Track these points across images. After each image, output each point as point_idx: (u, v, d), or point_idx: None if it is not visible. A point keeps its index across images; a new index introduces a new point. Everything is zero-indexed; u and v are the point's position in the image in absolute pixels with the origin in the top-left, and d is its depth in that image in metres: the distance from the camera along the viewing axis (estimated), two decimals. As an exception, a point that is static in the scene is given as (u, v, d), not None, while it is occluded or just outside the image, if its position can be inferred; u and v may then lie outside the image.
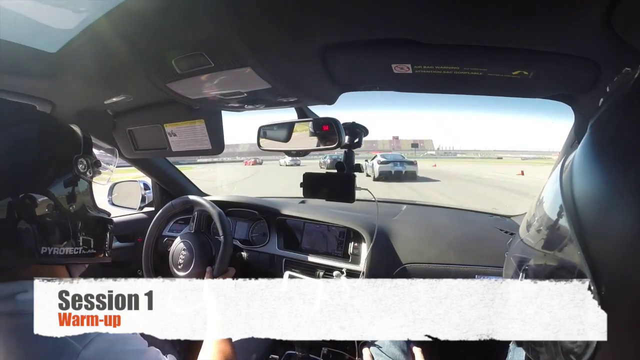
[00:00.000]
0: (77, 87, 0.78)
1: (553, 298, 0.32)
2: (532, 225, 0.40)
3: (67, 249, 0.57)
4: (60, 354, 0.47)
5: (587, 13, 0.42)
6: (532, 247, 0.38)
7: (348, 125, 0.90)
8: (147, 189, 1.61)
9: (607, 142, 0.32)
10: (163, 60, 0.56)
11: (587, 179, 0.32)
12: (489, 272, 1.09)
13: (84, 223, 0.61)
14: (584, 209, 0.30)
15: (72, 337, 0.49)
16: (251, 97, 0.68)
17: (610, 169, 0.30)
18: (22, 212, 0.52)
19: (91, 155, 0.65)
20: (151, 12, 0.52)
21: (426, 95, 1.40)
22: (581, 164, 0.33)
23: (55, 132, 0.60)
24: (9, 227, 0.51)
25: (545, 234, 0.36)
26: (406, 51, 0.56)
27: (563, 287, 0.31)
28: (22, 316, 0.49)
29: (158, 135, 1.04)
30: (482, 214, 1.52)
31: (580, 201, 0.31)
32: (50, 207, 0.55)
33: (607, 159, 0.31)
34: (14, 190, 0.51)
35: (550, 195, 0.37)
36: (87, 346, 0.48)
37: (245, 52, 0.50)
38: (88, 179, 0.63)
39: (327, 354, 1.17)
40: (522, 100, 2.53)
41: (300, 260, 1.26)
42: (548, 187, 0.39)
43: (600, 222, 0.28)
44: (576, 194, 0.31)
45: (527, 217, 0.43)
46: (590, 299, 0.26)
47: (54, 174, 0.57)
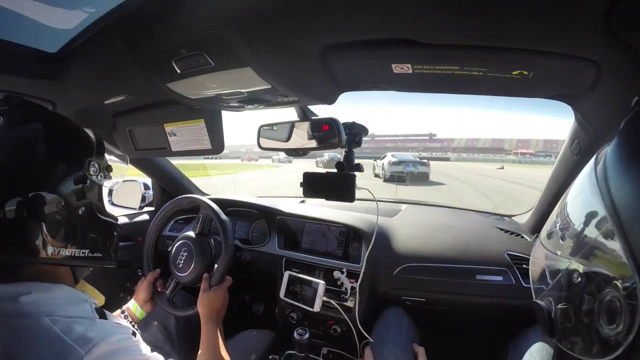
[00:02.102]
0: (77, 87, 0.78)
1: (590, 283, 0.32)
2: (562, 230, 0.40)
3: (73, 250, 0.57)
4: (63, 358, 0.47)
5: (587, 13, 0.42)
6: (563, 251, 0.38)
7: (348, 125, 0.90)
8: (147, 189, 1.61)
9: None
10: (163, 60, 0.56)
11: (626, 176, 0.31)
12: (489, 272, 1.09)
13: (92, 225, 0.61)
14: (621, 199, 0.30)
15: (76, 342, 0.48)
16: (251, 97, 0.68)
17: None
18: (30, 210, 0.52)
19: (103, 160, 0.65)
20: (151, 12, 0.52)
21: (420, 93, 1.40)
22: (618, 162, 0.33)
23: (67, 133, 0.60)
24: (17, 225, 0.51)
25: (582, 223, 0.35)
26: (406, 51, 0.56)
27: (602, 272, 0.30)
28: (26, 318, 0.49)
29: (158, 135, 1.04)
30: (482, 213, 1.52)
31: (617, 193, 0.30)
32: (59, 207, 0.55)
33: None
34: (23, 189, 0.51)
35: (584, 191, 0.37)
36: (90, 351, 0.48)
37: (245, 52, 0.50)
38: (99, 183, 0.63)
39: (327, 354, 1.17)
40: (518, 99, 2.51)
41: (300, 260, 1.26)
42: (579, 182, 0.39)
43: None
44: (612, 188, 0.31)
45: (550, 222, 0.43)
46: (631, 282, 0.26)
47: (64, 174, 0.57)
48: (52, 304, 0.52)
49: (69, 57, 0.66)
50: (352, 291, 1.13)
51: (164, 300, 1.03)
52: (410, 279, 1.14)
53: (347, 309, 1.13)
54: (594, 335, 0.30)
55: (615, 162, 0.33)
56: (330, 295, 1.14)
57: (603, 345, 0.29)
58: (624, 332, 0.26)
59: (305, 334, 1.01)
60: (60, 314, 0.51)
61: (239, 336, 1.15)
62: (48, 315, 0.50)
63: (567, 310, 0.35)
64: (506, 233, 1.26)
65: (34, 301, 0.50)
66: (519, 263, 1.09)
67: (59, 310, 0.51)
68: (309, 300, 1.11)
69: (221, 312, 0.94)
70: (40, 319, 0.49)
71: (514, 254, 1.11)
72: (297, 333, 1.01)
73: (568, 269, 0.36)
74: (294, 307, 1.20)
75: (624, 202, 0.30)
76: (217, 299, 0.94)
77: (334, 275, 1.15)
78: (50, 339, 0.48)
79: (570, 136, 0.93)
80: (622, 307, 0.27)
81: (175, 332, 1.10)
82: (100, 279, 1.03)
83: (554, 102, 0.76)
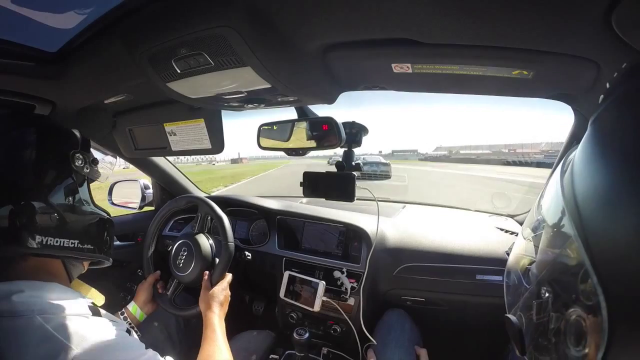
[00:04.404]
0: (77, 87, 0.78)
1: (557, 301, 0.31)
2: (535, 225, 0.40)
3: (62, 240, 0.57)
4: (55, 355, 0.47)
5: (587, 13, 0.42)
6: (535, 247, 0.38)
7: (348, 124, 0.90)
8: (147, 189, 1.62)
9: (608, 138, 0.32)
10: (163, 60, 0.56)
11: (588, 175, 0.31)
12: (489, 272, 1.09)
13: (81, 217, 0.62)
14: (585, 206, 0.29)
15: (68, 339, 0.48)
16: (251, 96, 0.68)
17: (612, 164, 0.29)
18: (19, 204, 0.52)
19: (89, 153, 0.67)
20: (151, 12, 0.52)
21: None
22: (582, 161, 0.33)
23: (52, 133, 0.62)
24: (4, 217, 0.51)
25: (549, 233, 0.35)
26: (406, 51, 0.56)
27: (568, 288, 0.30)
28: (18, 318, 0.49)
29: (158, 134, 1.04)
30: (482, 213, 1.52)
31: (582, 199, 0.30)
32: (46, 199, 0.56)
33: (609, 155, 0.30)
34: (13, 184, 0.52)
35: (552, 195, 0.37)
36: (82, 348, 0.48)
37: (245, 52, 0.50)
38: (84, 174, 0.65)
39: (327, 354, 1.17)
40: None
41: (300, 259, 1.26)
42: (549, 187, 0.39)
43: (602, 219, 0.28)
44: (577, 191, 0.31)
45: (530, 216, 0.43)
46: (595, 300, 0.26)
47: (50, 168, 0.59)
48: (44, 303, 0.52)
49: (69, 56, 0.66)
50: (352, 291, 1.13)
51: (165, 301, 1.03)
52: (410, 278, 1.15)
53: (347, 309, 1.13)
54: (562, 356, 0.30)
55: (582, 171, 0.32)
56: (330, 295, 1.14)
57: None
58: (592, 355, 0.26)
59: (305, 334, 1.01)
60: (53, 312, 0.51)
61: (239, 337, 1.15)
62: (40, 314, 0.50)
63: (537, 328, 0.34)
64: (506, 233, 1.26)
65: (26, 300, 0.51)
66: None
67: (52, 309, 0.52)
68: (309, 300, 1.11)
69: (224, 308, 0.93)
70: (32, 317, 0.49)
71: None
72: (297, 333, 1.01)
73: (537, 284, 0.35)
74: (294, 307, 1.20)
75: (585, 200, 0.29)
76: (219, 295, 0.93)
77: (334, 275, 1.15)
78: (43, 337, 0.48)
79: (570, 136, 0.93)
80: (587, 327, 0.26)
81: (176, 333, 1.10)
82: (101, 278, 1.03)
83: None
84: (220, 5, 0.46)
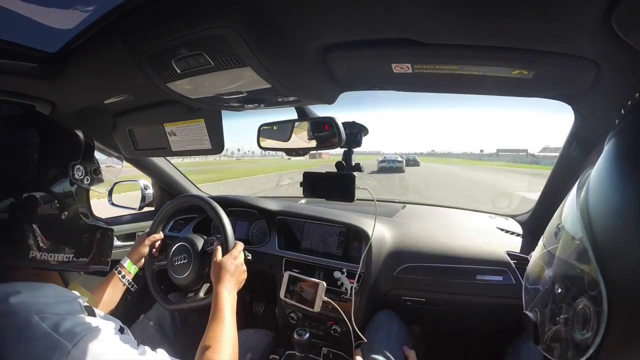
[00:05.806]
0: (77, 87, 0.78)
1: (567, 294, 0.34)
2: (555, 235, 0.42)
3: (57, 255, 0.57)
4: (51, 352, 0.48)
5: (587, 13, 0.42)
6: (554, 257, 0.40)
7: (348, 124, 0.90)
8: (147, 189, 1.61)
9: (630, 152, 0.33)
10: (163, 60, 0.56)
11: (605, 189, 0.33)
12: (489, 272, 1.09)
13: (77, 230, 0.61)
14: (599, 221, 0.31)
15: (63, 336, 0.49)
16: (251, 96, 0.68)
17: (631, 178, 0.30)
18: (16, 216, 0.52)
19: (90, 162, 0.64)
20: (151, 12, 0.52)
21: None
22: (601, 175, 0.34)
23: (54, 137, 0.60)
24: (4, 228, 0.51)
25: (568, 246, 0.37)
26: (406, 51, 0.56)
27: (577, 284, 0.33)
28: (15, 317, 0.50)
29: (158, 134, 1.04)
30: (482, 213, 1.52)
31: (595, 213, 0.32)
32: (43, 212, 0.55)
33: (633, 168, 0.31)
34: (10, 195, 0.52)
35: (570, 208, 0.38)
36: (76, 344, 0.49)
37: (245, 52, 0.50)
38: (84, 186, 0.62)
39: (327, 354, 1.17)
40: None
41: (300, 260, 1.26)
42: (569, 199, 0.40)
43: (616, 235, 0.30)
44: (591, 205, 0.33)
45: (550, 226, 0.44)
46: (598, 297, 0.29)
47: (48, 181, 0.56)
48: (41, 303, 0.53)
49: (68, 57, 0.66)
50: (353, 291, 1.13)
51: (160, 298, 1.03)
52: (410, 279, 1.14)
53: (347, 309, 1.13)
54: (570, 340, 0.33)
55: (596, 189, 0.34)
56: (330, 295, 1.14)
57: (576, 349, 0.32)
58: (592, 336, 0.29)
59: (305, 334, 1.01)
60: (50, 312, 0.52)
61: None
62: (37, 313, 0.51)
63: (550, 319, 0.37)
64: (506, 233, 1.26)
65: (23, 301, 0.51)
66: (519, 263, 1.09)
67: (49, 308, 0.53)
68: (309, 301, 1.11)
69: (236, 279, 0.87)
70: (29, 317, 0.50)
71: (514, 254, 1.11)
72: (297, 333, 1.01)
73: (552, 281, 0.39)
74: (294, 307, 1.20)
75: (599, 226, 0.32)
76: (229, 265, 0.86)
77: (334, 276, 1.15)
78: (39, 335, 0.49)
79: (569, 136, 0.93)
80: (591, 314, 0.30)
81: (172, 332, 1.10)
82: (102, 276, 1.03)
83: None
84: (220, 6, 0.46)
